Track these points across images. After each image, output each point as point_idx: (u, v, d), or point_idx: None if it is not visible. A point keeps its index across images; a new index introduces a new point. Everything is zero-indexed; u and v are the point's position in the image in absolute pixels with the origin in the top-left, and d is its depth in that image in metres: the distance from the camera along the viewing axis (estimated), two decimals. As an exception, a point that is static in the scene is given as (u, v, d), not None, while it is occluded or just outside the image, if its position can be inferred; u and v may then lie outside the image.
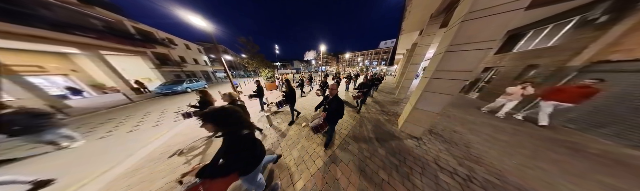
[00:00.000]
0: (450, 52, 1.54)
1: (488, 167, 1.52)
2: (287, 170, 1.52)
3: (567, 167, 1.58)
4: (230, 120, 0.80)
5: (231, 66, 27.22)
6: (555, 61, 3.02)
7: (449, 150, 1.80)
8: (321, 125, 1.55)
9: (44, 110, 2.14)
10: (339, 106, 1.50)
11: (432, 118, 1.89)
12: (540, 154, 1.80)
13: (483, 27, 1.34)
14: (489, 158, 1.67)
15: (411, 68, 4.38)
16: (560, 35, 3.24)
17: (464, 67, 1.53)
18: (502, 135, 2.23)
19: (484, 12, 1.29)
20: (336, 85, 1.57)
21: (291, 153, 1.78)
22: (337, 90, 1.54)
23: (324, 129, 1.58)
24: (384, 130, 2.33)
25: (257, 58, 7.50)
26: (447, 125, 2.55)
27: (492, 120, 2.81)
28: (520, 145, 1.97)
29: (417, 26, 4.30)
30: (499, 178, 1.40)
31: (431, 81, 1.74)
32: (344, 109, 1.56)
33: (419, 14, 3.39)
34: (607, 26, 2.47)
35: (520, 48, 4.14)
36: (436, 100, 1.79)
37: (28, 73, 5.84)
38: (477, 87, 5.31)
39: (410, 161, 1.60)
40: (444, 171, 1.45)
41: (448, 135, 2.18)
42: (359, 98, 3.05)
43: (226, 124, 0.79)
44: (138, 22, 8.33)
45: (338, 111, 1.53)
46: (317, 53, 45.91)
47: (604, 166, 1.66)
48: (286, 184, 1.34)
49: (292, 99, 2.51)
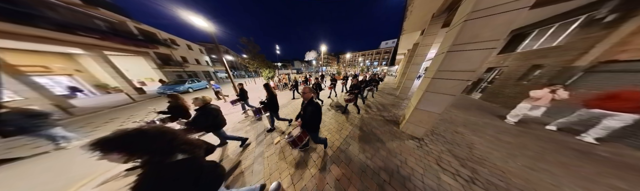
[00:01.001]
0: (453, 52, 1.52)
1: (491, 168, 1.50)
2: (287, 169, 1.51)
3: (575, 169, 1.55)
4: (152, 146, 0.56)
5: (232, 66, 27.37)
6: (560, 61, 2.96)
7: (451, 150, 1.78)
8: (299, 137, 1.35)
9: (38, 110, 2.08)
10: (314, 111, 1.30)
11: (434, 118, 1.87)
12: (546, 156, 1.77)
13: (486, 26, 1.32)
14: (492, 159, 1.64)
15: (412, 68, 4.35)
16: (565, 34, 3.18)
17: (467, 67, 1.50)
18: (507, 136, 2.19)
19: (487, 10, 1.27)
20: (309, 88, 1.35)
21: (291, 153, 1.77)
22: (310, 93, 1.33)
23: (302, 141, 1.38)
24: (385, 131, 2.31)
25: (257, 58, 7.53)
26: (450, 125, 2.53)
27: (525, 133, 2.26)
28: (525, 147, 1.94)
29: (418, 26, 4.26)
30: (502, 180, 1.37)
31: (433, 81, 1.72)
32: (320, 114, 1.36)
33: (421, 14, 3.37)
34: (615, 25, 2.42)
35: (523, 48, 4.08)
36: (438, 100, 1.77)
37: (34, 73, 5.95)
38: (480, 87, 5.25)
39: (411, 161, 1.58)
40: (446, 172, 1.44)
41: (450, 136, 2.15)
42: (350, 101, 2.88)
43: (145, 151, 0.56)
44: (141, 23, 8.43)
45: (313, 117, 1.34)
46: (317, 53, 45.93)
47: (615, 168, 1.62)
48: (286, 184, 1.34)
49: (272, 106, 2.21)
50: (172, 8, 28.73)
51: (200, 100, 1.52)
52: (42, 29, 4.44)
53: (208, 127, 1.60)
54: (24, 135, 2.07)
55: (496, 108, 3.73)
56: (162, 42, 9.33)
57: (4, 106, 2.89)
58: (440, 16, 3.20)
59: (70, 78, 7.07)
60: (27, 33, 4.36)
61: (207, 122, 1.52)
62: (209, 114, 1.52)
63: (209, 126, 1.61)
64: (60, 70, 6.72)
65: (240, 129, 2.57)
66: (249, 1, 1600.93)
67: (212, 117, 1.55)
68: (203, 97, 1.54)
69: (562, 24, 3.27)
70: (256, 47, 7.40)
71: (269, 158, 1.70)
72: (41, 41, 4.66)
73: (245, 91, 3.21)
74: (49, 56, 6.26)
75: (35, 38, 4.53)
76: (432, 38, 3.55)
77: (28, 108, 2.04)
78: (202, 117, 1.49)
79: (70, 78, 7.08)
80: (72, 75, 7.06)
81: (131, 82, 6.88)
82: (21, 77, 4.26)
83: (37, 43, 4.70)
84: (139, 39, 7.65)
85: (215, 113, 1.57)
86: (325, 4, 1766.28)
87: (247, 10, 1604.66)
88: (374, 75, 5.10)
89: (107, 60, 6.11)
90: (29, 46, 5.05)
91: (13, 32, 4.25)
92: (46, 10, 5.76)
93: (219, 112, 1.63)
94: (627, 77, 2.29)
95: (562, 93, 2.36)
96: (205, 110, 1.52)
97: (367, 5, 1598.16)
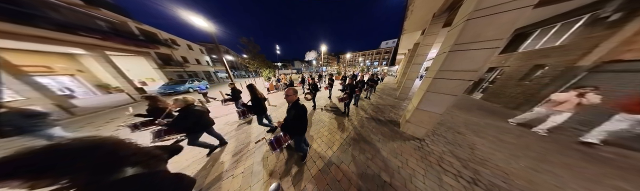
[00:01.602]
0: (455, 51, 1.50)
1: (493, 169, 1.48)
2: (287, 170, 1.50)
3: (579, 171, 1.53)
4: (75, 164, 0.45)
5: (232, 66, 27.43)
6: (563, 60, 2.93)
7: (452, 151, 1.76)
8: (278, 139, 1.28)
9: (36, 110, 2.04)
10: (297, 114, 1.19)
11: (435, 118, 1.85)
12: (549, 157, 1.74)
13: (489, 25, 1.30)
14: (495, 160, 1.62)
15: (413, 68, 4.32)
16: (569, 33, 3.14)
17: (469, 67, 1.49)
18: (509, 137, 2.17)
19: (491, 9, 1.25)
20: (293, 89, 1.25)
21: (291, 153, 1.76)
22: (295, 95, 1.24)
23: (281, 144, 1.31)
24: (386, 131, 2.29)
25: (258, 59, 7.54)
26: (451, 126, 2.51)
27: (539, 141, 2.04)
28: (528, 148, 1.91)
29: (419, 25, 4.24)
30: (505, 182, 1.36)
31: (434, 81, 1.70)
32: (303, 118, 1.24)
33: (421, 13, 3.34)
34: (620, 24, 2.39)
35: (526, 48, 4.04)
36: (439, 100, 1.75)
37: (36, 73, 5.99)
38: (481, 87, 5.22)
39: (412, 162, 1.56)
40: (448, 174, 1.42)
41: (451, 136, 2.13)
42: (344, 100, 2.74)
43: (65, 171, 0.44)
44: (142, 23, 8.47)
45: (295, 121, 1.23)
46: (317, 53, 45.91)
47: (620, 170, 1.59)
48: (286, 185, 1.33)
49: (257, 108, 2.06)
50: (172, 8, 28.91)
51: (180, 101, 1.44)
52: (44, 29, 4.47)
53: (189, 128, 1.54)
54: (22, 135, 2.03)
55: (498, 109, 3.71)
56: (163, 42, 9.36)
57: (3, 106, 2.88)
58: (442, 15, 3.17)
59: (72, 78, 7.11)
60: (30, 33, 4.39)
61: (186, 123, 1.47)
62: (190, 116, 1.45)
63: (191, 127, 1.54)
64: (62, 70, 6.77)
65: (237, 130, 2.50)
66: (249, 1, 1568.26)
67: (194, 118, 1.49)
68: (184, 97, 1.46)
69: (565, 23, 3.24)
70: (256, 47, 7.40)
71: (268, 158, 1.70)
72: (44, 41, 4.70)
73: (239, 91, 3.12)
74: (51, 56, 6.30)
75: (38, 38, 4.56)
76: (433, 38, 3.53)
77: (26, 108, 1.98)
78: (182, 118, 1.43)
79: (72, 78, 7.12)
80: (74, 75, 7.11)
81: (132, 82, 6.91)
82: (23, 77, 4.29)
83: (40, 43, 4.73)
84: (140, 39, 7.68)
85: (198, 114, 1.50)
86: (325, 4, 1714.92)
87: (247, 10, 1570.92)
88: (372, 75, 4.99)
89: (108, 60, 6.14)
90: (32, 46, 5.09)
91: (16, 33, 4.28)
92: (49, 11, 5.80)
93: (202, 112, 1.56)
94: (630, 77, 2.26)
95: (593, 97, 1.97)
96: (187, 111, 1.44)
97: (367, 5, 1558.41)
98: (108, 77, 6.90)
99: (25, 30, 4.29)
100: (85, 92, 7.40)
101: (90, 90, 7.45)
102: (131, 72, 7.99)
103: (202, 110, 1.56)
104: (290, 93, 1.24)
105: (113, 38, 6.06)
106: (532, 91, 3.30)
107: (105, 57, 6.10)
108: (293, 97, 1.24)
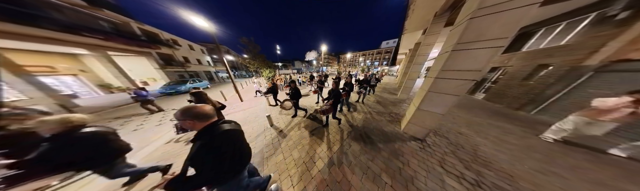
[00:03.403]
0: (457, 51, 1.47)
1: (497, 171, 1.45)
2: (287, 171, 1.49)
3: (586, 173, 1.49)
4: None
5: (233, 66, 27.54)
6: (568, 60, 2.87)
7: (454, 152, 1.73)
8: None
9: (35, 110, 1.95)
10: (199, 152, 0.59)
11: (437, 119, 1.82)
12: (554, 159, 1.70)
13: (493, 24, 1.27)
14: (498, 161, 1.59)
15: (414, 68, 4.28)
16: (574, 32, 3.08)
17: (472, 66, 1.45)
18: (512, 138, 2.13)
19: (495, 7, 1.22)
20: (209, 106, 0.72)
21: (291, 154, 1.75)
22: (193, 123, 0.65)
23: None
24: (386, 132, 2.27)
25: (258, 59, 7.54)
26: (453, 126, 2.47)
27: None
28: (532, 150, 1.87)
29: (420, 25, 4.20)
30: (510, 184, 1.32)
31: (436, 81, 1.67)
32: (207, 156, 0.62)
33: (423, 12, 3.30)
34: (628, 22, 2.33)
35: (529, 47, 3.98)
36: (441, 100, 1.72)
37: (40, 73, 6.06)
38: (483, 87, 5.15)
39: (414, 163, 1.54)
40: (450, 175, 1.39)
41: (453, 137, 2.10)
42: (325, 113, 2.16)
43: None
44: (143, 24, 8.52)
45: (217, 161, 0.63)
46: (317, 53, 45.87)
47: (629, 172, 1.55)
48: (286, 186, 1.31)
49: None
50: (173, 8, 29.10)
51: (51, 122, 0.84)
52: (48, 29, 4.52)
53: (75, 164, 0.95)
54: None
55: (500, 109, 3.66)
56: (164, 43, 9.42)
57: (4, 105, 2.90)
58: (443, 15, 3.13)
59: (75, 78, 7.19)
60: (34, 34, 4.44)
61: (66, 157, 0.89)
62: (73, 146, 0.90)
63: (79, 163, 0.96)
64: (65, 70, 6.84)
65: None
66: (249, 1, 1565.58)
67: (80, 149, 0.93)
68: (63, 117, 0.87)
69: (570, 21, 3.17)
70: (256, 47, 7.40)
71: (268, 158, 1.68)
72: (47, 42, 4.75)
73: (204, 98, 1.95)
74: (54, 56, 6.37)
75: (41, 39, 4.62)
76: (434, 37, 3.49)
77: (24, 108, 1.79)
78: (53, 150, 0.85)
79: (75, 78, 7.20)
80: (77, 75, 7.19)
81: (134, 82, 6.97)
82: (27, 77, 4.34)
83: (44, 43, 4.79)
84: (142, 39, 7.74)
85: (86, 144, 0.95)
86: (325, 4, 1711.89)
87: (247, 10, 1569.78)
88: (370, 76, 4.65)
89: (110, 61, 6.20)
90: (35, 47, 5.15)
91: (21, 33, 4.33)
92: (52, 12, 5.86)
93: (99, 140, 1.01)
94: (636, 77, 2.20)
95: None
96: (69, 139, 0.89)
97: (367, 5, 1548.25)
98: (110, 77, 6.96)
99: (30, 31, 4.34)
100: (88, 91, 7.48)
101: (92, 90, 7.53)
102: (133, 72, 8.05)
103: (98, 135, 1.01)
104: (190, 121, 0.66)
105: (115, 38, 6.11)
106: (536, 91, 3.25)
107: (108, 57, 6.15)
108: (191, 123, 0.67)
